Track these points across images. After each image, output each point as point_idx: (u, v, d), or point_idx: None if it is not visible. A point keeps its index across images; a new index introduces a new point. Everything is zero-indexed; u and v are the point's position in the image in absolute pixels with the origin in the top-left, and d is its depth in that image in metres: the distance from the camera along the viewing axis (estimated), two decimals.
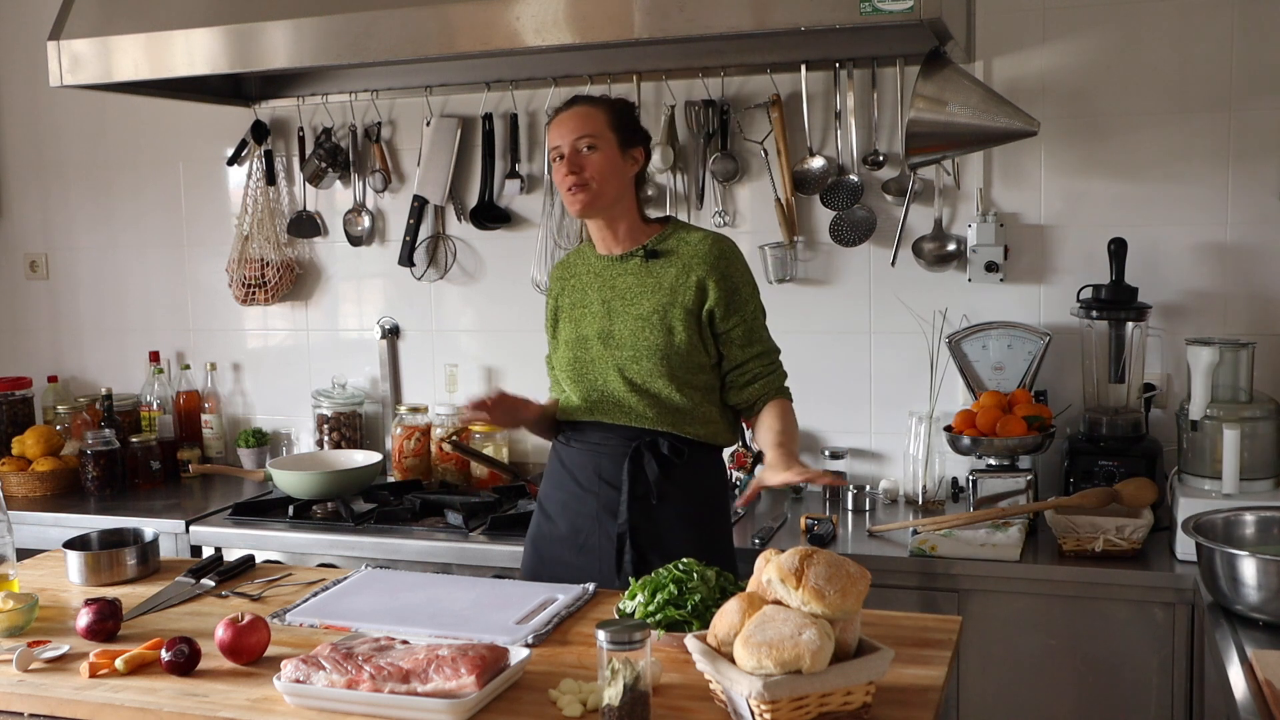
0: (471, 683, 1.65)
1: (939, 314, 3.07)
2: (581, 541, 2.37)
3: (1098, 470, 2.78)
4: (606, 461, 2.35)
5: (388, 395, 3.65)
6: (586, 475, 2.38)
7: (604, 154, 2.30)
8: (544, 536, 2.43)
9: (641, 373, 2.31)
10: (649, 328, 2.30)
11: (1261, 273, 2.89)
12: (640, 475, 2.31)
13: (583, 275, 2.42)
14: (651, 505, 2.31)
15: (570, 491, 2.40)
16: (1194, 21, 2.87)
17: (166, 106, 3.65)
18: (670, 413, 2.32)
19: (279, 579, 2.37)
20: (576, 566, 2.35)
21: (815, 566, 1.64)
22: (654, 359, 2.30)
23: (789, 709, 1.55)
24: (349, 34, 2.74)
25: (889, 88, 3.07)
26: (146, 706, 1.75)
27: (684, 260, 2.32)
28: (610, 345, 2.34)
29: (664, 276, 2.32)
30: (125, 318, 3.97)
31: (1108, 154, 2.96)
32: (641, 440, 2.32)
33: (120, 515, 3.17)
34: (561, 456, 2.44)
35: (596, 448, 2.37)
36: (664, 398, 2.31)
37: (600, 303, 2.37)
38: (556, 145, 2.31)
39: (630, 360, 2.31)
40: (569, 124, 2.31)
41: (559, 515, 2.41)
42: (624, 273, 2.36)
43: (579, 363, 2.37)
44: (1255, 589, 2.03)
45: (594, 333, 2.36)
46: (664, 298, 2.31)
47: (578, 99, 2.39)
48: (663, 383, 2.30)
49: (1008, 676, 2.58)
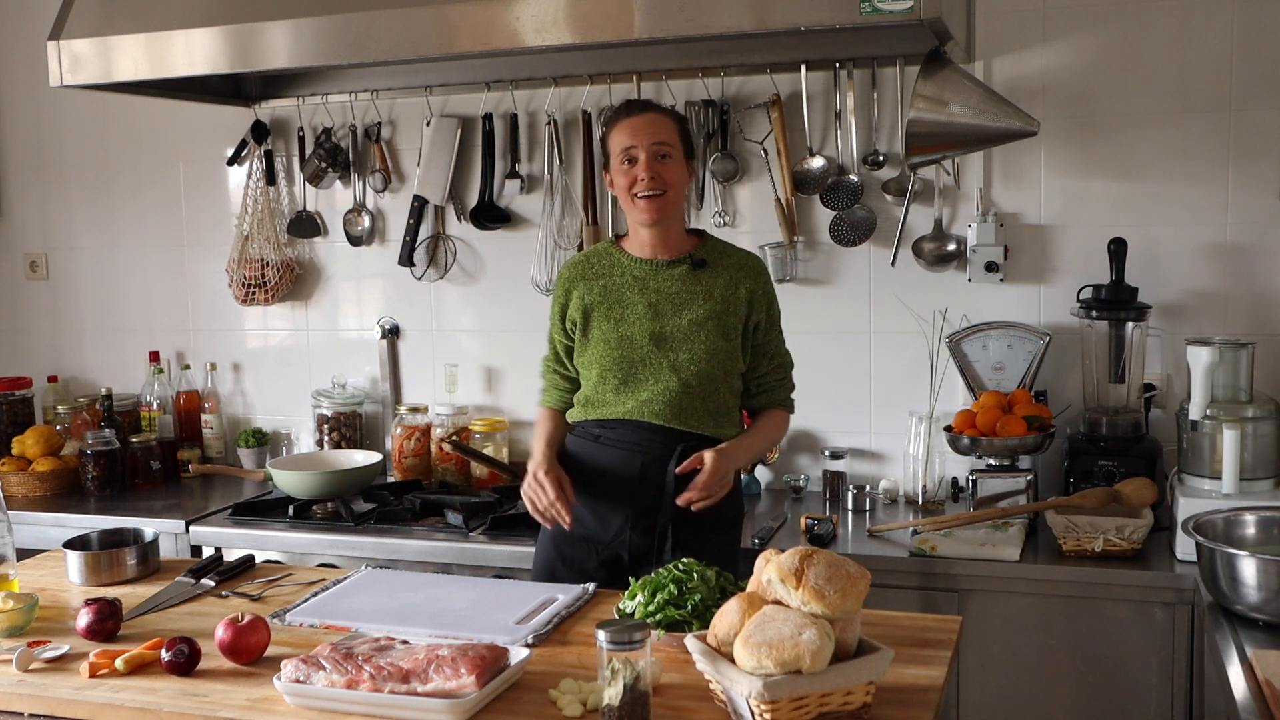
0: (471, 683, 1.66)
1: (939, 314, 3.07)
2: (611, 541, 2.37)
3: (1098, 470, 2.78)
4: (649, 462, 2.35)
5: (388, 395, 3.65)
6: (624, 474, 2.37)
7: (677, 164, 2.37)
8: (567, 534, 2.38)
9: (699, 374, 2.35)
10: (704, 331, 2.36)
11: (1261, 273, 2.89)
12: (686, 476, 2.31)
13: (615, 276, 2.43)
14: (689, 508, 2.31)
15: (600, 490, 2.38)
16: (1194, 21, 2.87)
17: (166, 106, 3.65)
18: (713, 415, 2.38)
19: (279, 579, 2.37)
20: (600, 565, 2.35)
21: (815, 566, 1.64)
22: (710, 361, 2.36)
23: (789, 709, 1.55)
24: (349, 34, 2.74)
25: (889, 88, 3.07)
26: (146, 706, 1.75)
27: (731, 272, 2.41)
28: (664, 346, 2.36)
29: (713, 286, 2.39)
30: (125, 318, 3.97)
31: (1108, 154, 2.96)
32: (685, 442, 2.35)
33: (120, 515, 3.17)
34: (590, 454, 2.41)
35: (637, 447, 2.37)
36: (714, 398, 2.38)
37: (645, 305, 2.38)
38: (630, 147, 2.33)
39: (688, 361, 2.35)
40: (647, 129, 2.34)
41: (585, 514, 2.38)
42: (670, 278, 2.40)
43: (626, 362, 2.38)
44: (1255, 589, 2.03)
45: (643, 333, 2.37)
46: (717, 305, 2.38)
47: (649, 104, 2.44)
48: (715, 384, 2.37)
49: (1008, 676, 2.58)
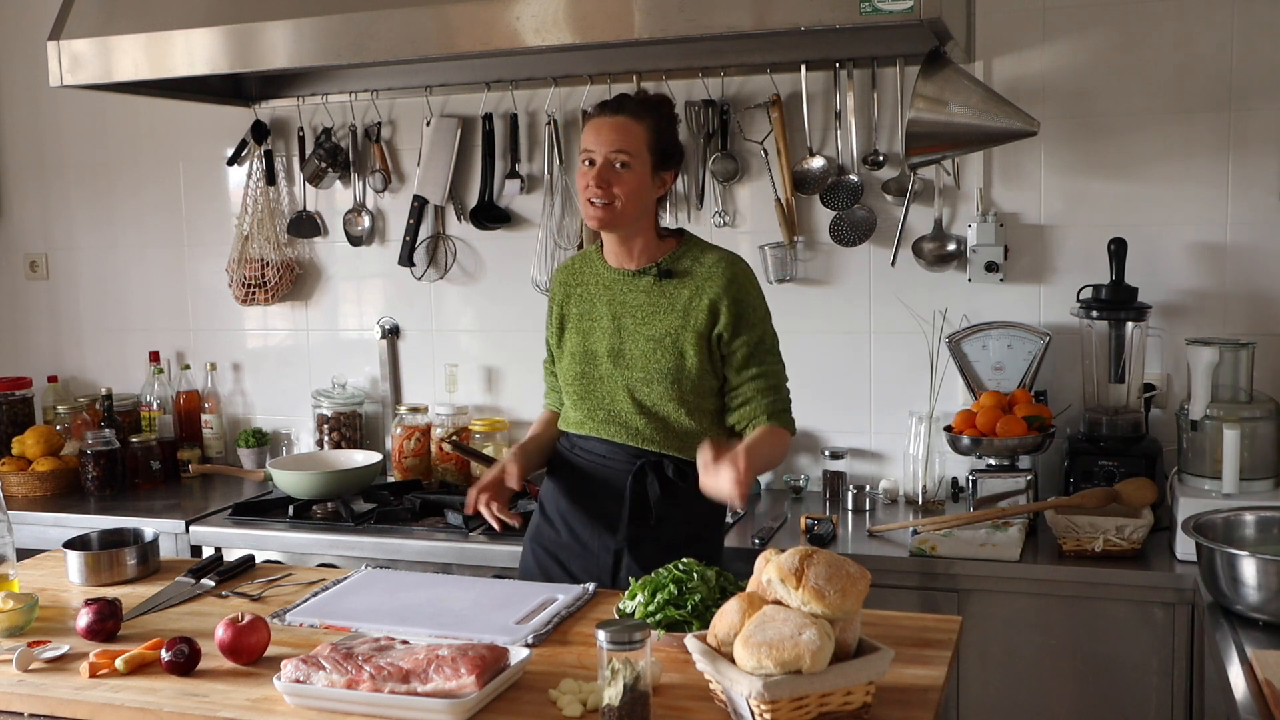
0: (471, 683, 1.66)
1: (939, 314, 3.07)
2: (580, 549, 2.36)
3: (1098, 470, 2.78)
4: (609, 476, 2.33)
5: (388, 395, 3.65)
6: (587, 486, 2.36)
7: (635, 174, 2.22)
8: (544, 539, 2.42)
9: (651, 395, 2.28)
10: (660, 350, 2.27)
11: (1261, 273, 2.89)
12: (642, 495, 2.29)
13: (591, 285, 2.38)
14: (650, 525, 2.30)
15: (571, 499, 2.39)
16: (1194, 21, 2.87)
17: (166, 106, 3.65)
18: (677, 436, 2.29)
19: (279, 579, 2.37)
20: (572, 573, 2.35)
21: (815, 566, 1.64)
22: (664, 382, 2.26)
23: (789, 709, 1.55)
24: (349, 34, 2.74)
25: (889, 88, 3.07)
26: (146, 706, 1.75)
27: (697, 282, 2.27)
28: (620, 365, 2.30)
29: (676, 298, 2.28)
30: (125, 318, 3.97)
31: (1108, 154, 2.96)
32: (646, 460, 2.30)
33: (120, 515, 3.17)
34: (564, 463, 2.42)
35: (600, 460, 2.35)
36: (672, 421, 2.29)
37: (610, 318, 2.32)
38: (589, 150, 2.24)
39: (641, 382, 2.28)
40: (607, 135, 2.23)
41: (558, 520, 2.40)
42: (636, 289, 2.31)
43: (586, 379, 2.34)
44: (1255, 589, 2.03)
45: (604, 349, 2.32)
46: (676, 320, 2.26)
47: (624, 104, 2.28)
48: (672, 406, 2.28)
49: (1008, 676, 2.58)
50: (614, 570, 2.31)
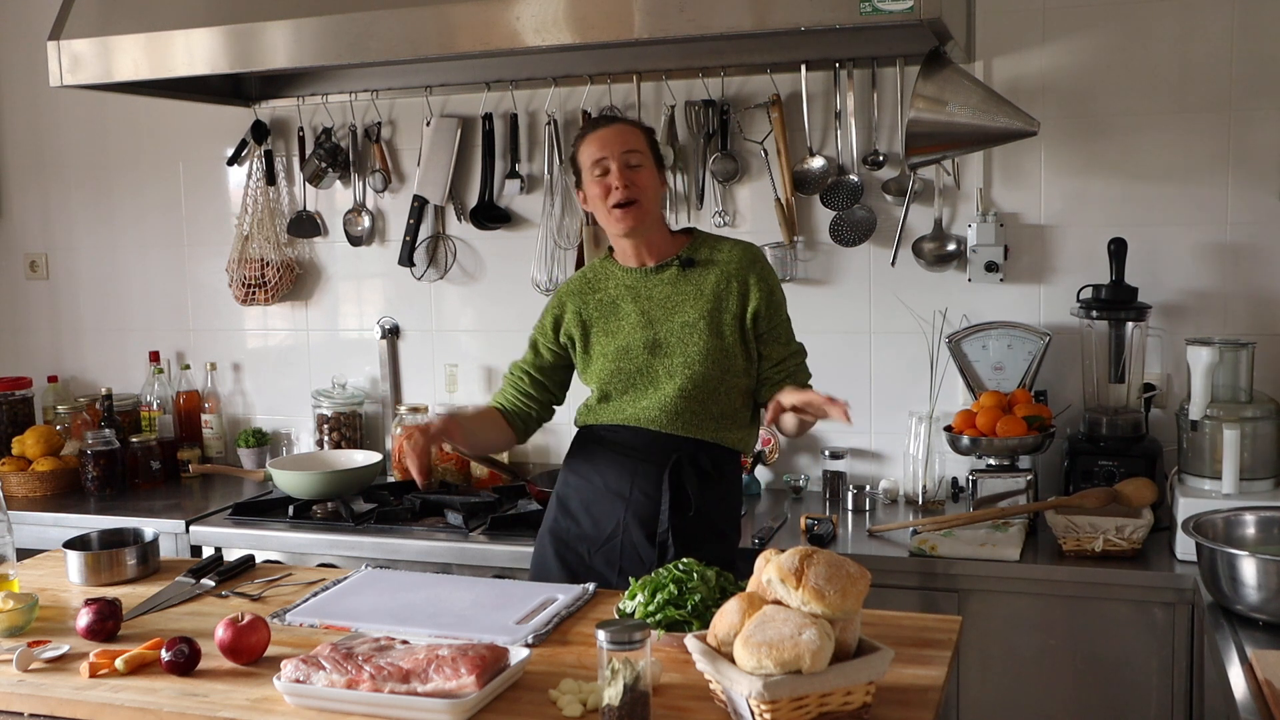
0: (471, 683, 1.66)
1: (939, 314, 3.07)
2: (604, 542, 2.36)
3: (1098, 470, 2.78)
4: (643, 469, 2.35)
5: (388, 395, 3.65)
6: (618, 479, 2.37)
7: (648, 171, 2.34)
8: (563, 532, 2.41)
9: (695, 377, 2.33)
10: (698, 333, 2.33)
11: (1261, 273, 2.89)
12: (680, 487, 2.32)
13: (610, 289, 2.42)
14: (687, 515, 2.32)
15: (596, 491, 2.39)
16: (1194, 21, 2.87)
17: (166, 106, 3.65)
18: (714, 418, 2.35)
19: (279, 579, 2.37)
20: (594, 567, 2.35)
21: (815, 566, 1.64)
22: (706, 363, 2.32)
23: (789, 709, 1.55)
24: (349, 34, 2.74)
25: (889, 88, 3.07)
26: (146, 706, 1.75)
27: (722, 267, 2.36)
28: (659, 353, 2.35)
29: (704, 284, 2.36)
30: (125, 318, 3.97)
31: (1108, 154, 2.96)
32: (682, 451, 2.33)
33: (120, 515, 3.17)
34: (589, 455, 2.42)
35: (633, 453, 2.37)
36: (715, 401, 2.35)
37: (639, 314, 2.37)
38: (601, 158, 2.31)
39: (682, 366, 2.33)
40: (616, 139, 2.32)
41: (581, 513, 2.40)
42: (660, 282, 2.38)
43: (622, 373, 2.37)
44: (1255, 589, 2.03)
45: (638, 343, 2.36)
46: (708, 304, 2.34)
47: (614, 117, 2.45)
48: (714, 385, 2.34)
49: (1008, 676, 2.58)
50: (658, 562, 2.31)
